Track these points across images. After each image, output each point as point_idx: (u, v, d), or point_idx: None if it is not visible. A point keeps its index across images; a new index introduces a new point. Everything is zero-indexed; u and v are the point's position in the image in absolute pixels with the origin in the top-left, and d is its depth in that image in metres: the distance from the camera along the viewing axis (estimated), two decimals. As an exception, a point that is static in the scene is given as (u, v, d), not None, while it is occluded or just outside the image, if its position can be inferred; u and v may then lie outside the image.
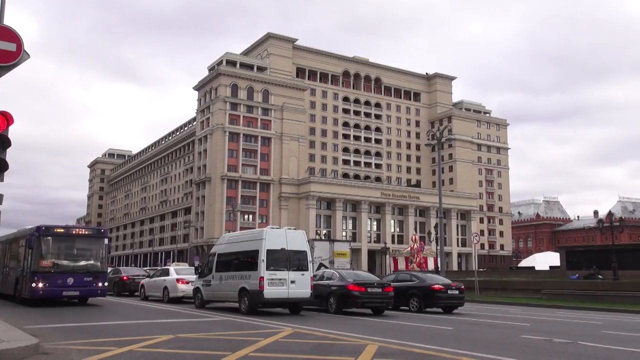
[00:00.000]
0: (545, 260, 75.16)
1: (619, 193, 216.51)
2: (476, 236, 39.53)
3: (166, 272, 25.93)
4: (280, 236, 18.42)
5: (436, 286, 21.37)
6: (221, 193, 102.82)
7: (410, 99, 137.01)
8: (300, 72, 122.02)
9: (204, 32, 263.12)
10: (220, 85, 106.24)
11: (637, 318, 21.38)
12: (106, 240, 21.38)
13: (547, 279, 39.36)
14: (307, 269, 18.40)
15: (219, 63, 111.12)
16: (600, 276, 36.48)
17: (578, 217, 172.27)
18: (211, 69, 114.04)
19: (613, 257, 35.22)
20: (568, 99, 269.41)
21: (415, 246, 62.70)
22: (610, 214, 43.63)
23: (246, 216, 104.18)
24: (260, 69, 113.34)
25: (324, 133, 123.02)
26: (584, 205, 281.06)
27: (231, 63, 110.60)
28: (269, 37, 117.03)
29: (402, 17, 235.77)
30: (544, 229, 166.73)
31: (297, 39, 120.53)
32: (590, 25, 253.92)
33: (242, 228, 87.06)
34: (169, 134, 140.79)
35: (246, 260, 18.66)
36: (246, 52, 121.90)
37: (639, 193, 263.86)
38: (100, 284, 20.63)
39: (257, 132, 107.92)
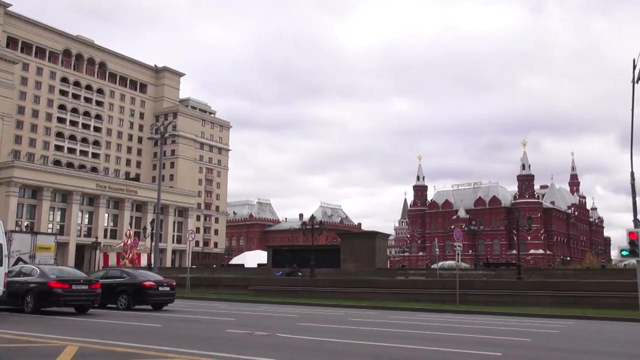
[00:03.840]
0: (254, 258, 79.23)
1: (321, 199, 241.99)
2: (192, 233, 40.02)
3: None
4: (-31, 226, 16.12)
5: (147, 283, 21.11)
6: None
7: (136, 90, 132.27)
8: (12, 42, 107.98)
9: None
10: None
11: (327, 310, 24.15)
12: None
13: (254, 276, 41.79)
14: (0, 264, 16.43)
15: None
16: (300, 273, 40.23)
17: (286, 219, 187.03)
18: None
19: (312, 256, 39.20)
20: (287, 112, 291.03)
21: (129, 242, 60.95)
22: (312, 217, 48.48)
23: None
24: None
25: (35, 114, 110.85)
26: (293, 208, 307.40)
27: None
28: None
29: (142, 9, 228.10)
30: (255, 229, 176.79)
31: (11, 5, 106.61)
32: (311, 49, 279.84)
33: None
34: None
35: None
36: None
37: (336, 200, 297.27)
38: None
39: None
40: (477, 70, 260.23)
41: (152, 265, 38.07)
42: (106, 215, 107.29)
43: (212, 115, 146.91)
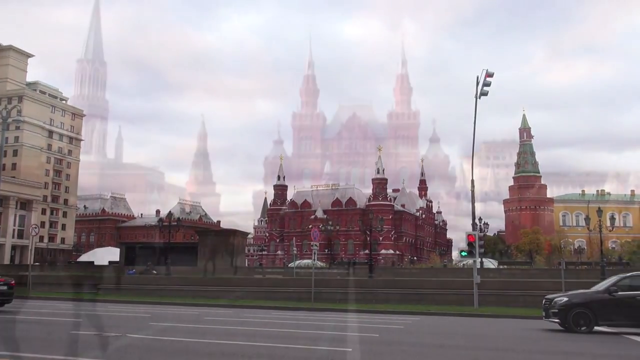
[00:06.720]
0: (106, 255, 75.20)
1: (180, 196, 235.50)
2: (35, 228, 37.19)
3: None
4: None
5: (-19, 281, 19.25)
6: None
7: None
8: None
9: None
10: None
11: (182, 309, 23.62)
12: None
13: (105, 274, 39.74)
14: None
15: None
16: (155, 272, 38.97)
17: (142, 214, 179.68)
18: None
19: (168, 254, 38.16)
20: (149, 106, 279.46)
21: (-39, 236, 55.16)
22: (170, 213, 47.20)
23: None
24: None
25: None
26: (152, 204, 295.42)
27: None
28: None
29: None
30: (108, 224, 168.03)
31: None
32: (174, 43, 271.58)
33: None
34: None
35: None
36: None
37: (195, 197, 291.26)
38: None
39: None
40: (337, 76, 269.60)
41: (-12, 262, 34.84)
42: None
43: (64, 102, 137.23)
